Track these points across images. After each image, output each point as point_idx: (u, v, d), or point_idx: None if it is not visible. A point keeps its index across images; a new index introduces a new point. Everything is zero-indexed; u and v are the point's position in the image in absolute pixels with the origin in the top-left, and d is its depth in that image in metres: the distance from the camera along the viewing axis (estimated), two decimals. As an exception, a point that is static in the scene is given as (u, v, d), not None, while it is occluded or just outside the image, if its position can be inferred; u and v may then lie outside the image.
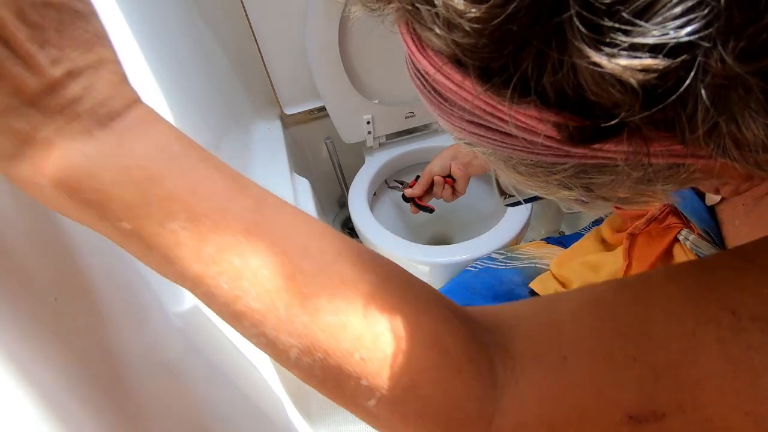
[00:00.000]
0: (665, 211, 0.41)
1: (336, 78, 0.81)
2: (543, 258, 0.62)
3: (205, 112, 0.70)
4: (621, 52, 0.15)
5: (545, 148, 0.20)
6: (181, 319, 0.47)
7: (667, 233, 0.41)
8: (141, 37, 0.53)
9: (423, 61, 0.20)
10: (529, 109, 0.18)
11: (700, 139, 0.17)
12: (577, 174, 0.21)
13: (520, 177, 0.24)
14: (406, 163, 0.93)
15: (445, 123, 0.23)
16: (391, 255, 0.71)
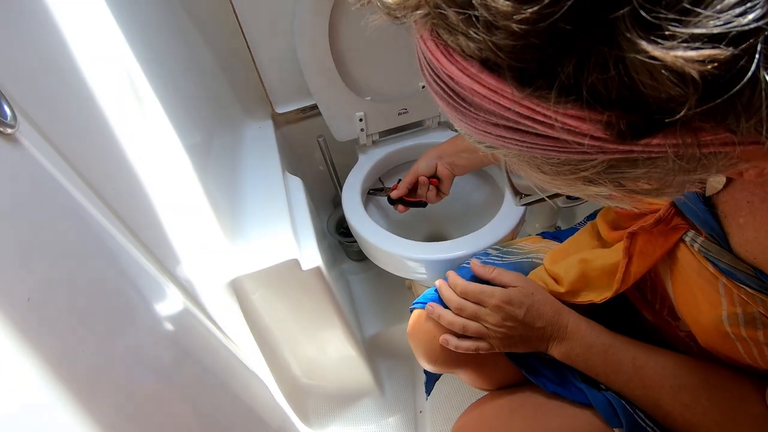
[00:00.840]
0: (672, 212, 0.40)
1: (327, 75, 0.80)
2: (539, 252, 0.62)
3: (195, 112, 0.68)
4: (680, 43, 0.15)
5: (580, 146, 0.19)
6: (172, 323, 0.47)
7: (671, 234, 0.41)
8: (129, 36, 0.52)
9: (450, 67, 0.20)
10: (573, 108, 0.18)
11: (753, 126, 0.16)
12: (607, 169, 0.21)
13: (544, 176, 0.24)
14: (399, 160, 0.93)
15: (467, 127, 0.23)
16: (386, 253, 0.70)
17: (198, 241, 0.56)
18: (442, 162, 0.75)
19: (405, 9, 0.20)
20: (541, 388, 0.52)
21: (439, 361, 0.56)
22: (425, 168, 0.76)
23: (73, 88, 0.38)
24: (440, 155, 0.75)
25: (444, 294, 0.55)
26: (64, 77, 0.37)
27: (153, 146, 0.51)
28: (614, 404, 0.46)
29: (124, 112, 0.47)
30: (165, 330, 0.45)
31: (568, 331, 0.49)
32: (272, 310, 0.67)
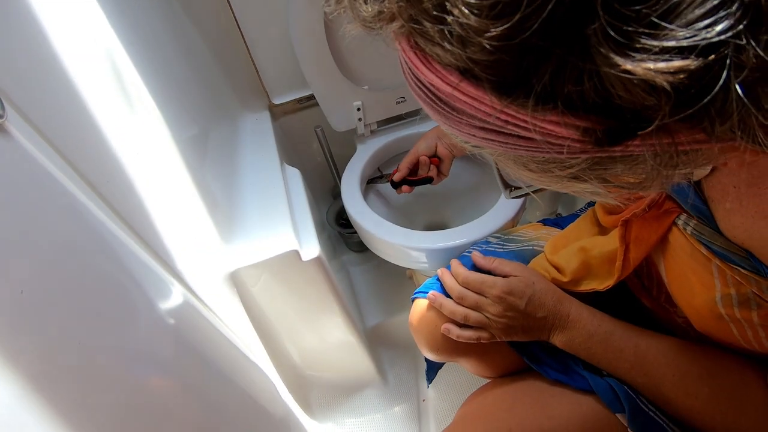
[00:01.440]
0: (662, 197, 0.40)
1: (323, 65, 0.79)
2: (540, 240, 0.61)
3: (190, 105, 0.68)
4: (651, 56, 0.15)
5: (562, 148, 0.20)
6: (172, 316, 0.46)
7: (664, 218, 0.41)
8: (121, 28, 0.51)
9: (430, 75, 0.20)
10: (551, 115, 0.18)
11: (728, 129, 0.17)
12: (592, 166, 0.21)
13: (531, 174, 0.24)
14: (398, 149, 0.92)
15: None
16: (387, 242, 0.70)
17: (196, 234, 0.56)
18: (442, 142, 0.75)
19: (380, 21, 0.20)
20: (543, 376, 0.52)
21: (441, 350, 0.56)
22: (425, 148, 0.75)
23: (64, 79, 0.37)
24: (440, 135, 0.75)
25: (446, 283, 0.55)
26: (54, 67, 0.36)
27: (147, 138, 0.50)
28: (616, 389, 0.46)
29: (116, 104, 0.46)
30: (166, 323, 0.45)
31: (570, 320, 0.49)
32: (273, 302, 0.66)
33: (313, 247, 0.61)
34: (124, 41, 0.51)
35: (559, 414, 0.48)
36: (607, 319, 0.49)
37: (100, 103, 0.43)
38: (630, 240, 0.44)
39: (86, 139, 0.39)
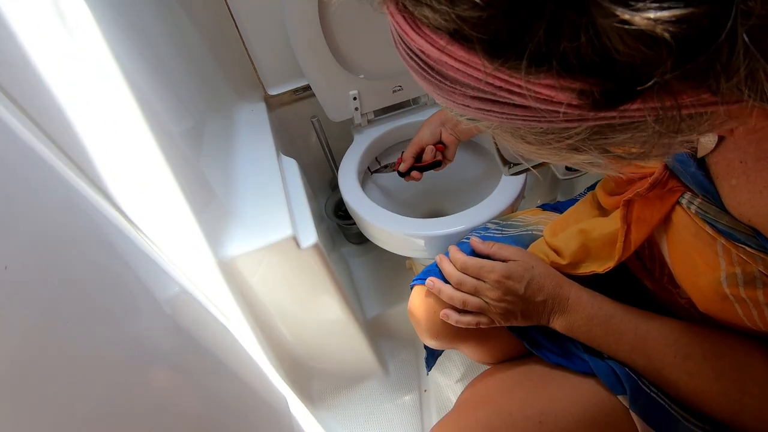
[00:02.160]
0: (666, 175, 0.39)
1: (318, 54, 0.78)
2: (539, 224, 0.61)
3: (185, 97, 0.67)
4: (650, 4, 0.14)
5: (559, 114, 0.19)
6: (169, 305, 0.46)
7: (667, 197, 0.40)
8: (114, 20, 0.51)
9: (419, 40, 0.19)
10: (546, 78, 0.17)
11: (734, 85, 0.16)
12: (591, 136, 0.20)
13: (528, 146, 0.23)
14: (396, 138, 0.91)
15: (445, 101, 0.22)
16: (386, 231, 0.69)
17: (192, 224, 0.55)
18: (446, 128, 0.74)
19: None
20: (544, 360, 0.52)
21: (440, 336, 0.56)
22: (429, 136, 0.75)
23: (56, 72, 0.36)
24: (443, 121, 0.74)
25: (444, 268, 0.54)
26: (45, 61, 0.36)
27: (140, 129, 0.50)
28: (617, 371, 0.46)
29: (109, 95, 0.45)
30: (163, 312, 0.45)
31: (569, 303, 0.49)
32: (272, 292, 0.66)
33: (310, 235, 0.60)
34: (117, 33, 0.50)
35: (561, 396, 0.48)
36: (608, 301, 0.48)
37: (92, 94, 0.43)
38: (632, 220, 0.44)
39: (78, 127, 0.39)
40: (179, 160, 0.55)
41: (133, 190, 0.46)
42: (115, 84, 0.47)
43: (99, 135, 0.42)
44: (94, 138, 0.41)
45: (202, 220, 0.56)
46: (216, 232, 0.59)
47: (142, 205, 0.47)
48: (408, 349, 0.97)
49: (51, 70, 0.37)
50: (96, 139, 0.41)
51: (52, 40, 0.39)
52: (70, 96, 0.39)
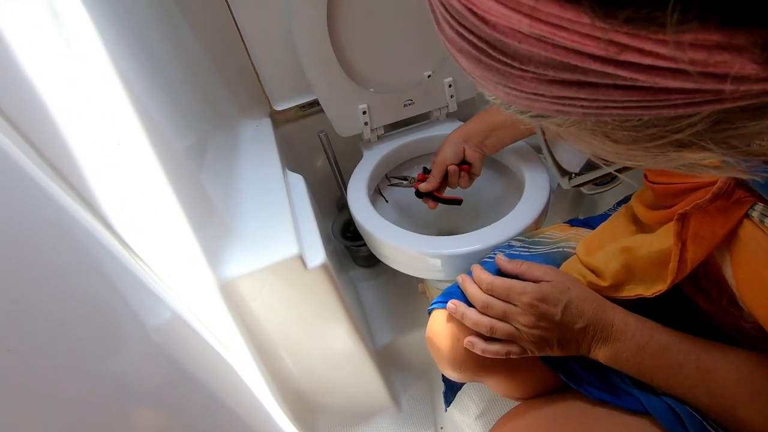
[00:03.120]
0: (732, 184, 0.34)
1: (327, 66, 0.75)
2: (570, 240, 0.55)
3: (188, 112, 0.64)
4: None
5: (686, 95, 0.13)
6: (158, 333, 0.40)
7: (733, 210, 0.34)
8: (117, 34, 0.48)
9: (491, 4, 0.14)
10: (701, 32, 0.11)
11: None
12: (713, 126, 0.15)
13: (615, 147, 0.18)
14: (407, 155, 0.87)
15: (507, 93, 0.17)
16: (398, 249, 0.64)
17: (191, 244, 0.50)
18: (470, 145, 0.69)
19: None
20: (585, 396, 0.45)
21: (464, 368, 0.49)
22: (452, 156, 0.69)
23: (58, 88, 0.34)
24: (466, 138, 0.69)
25: (468, 290, 0.48)
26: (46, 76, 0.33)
27: (140, 146, 0.46)
28: (677, 410, 0.39)
29: (109, 111, 0.42)
30: (155, 343, 0.39)
31: (614, 330, 0.42)
32: (275, 318, 0.60)
33: (318, 254, 0.55)
34: (119, 45, 0.47)
35: None
36: (659, 328, 0.42)
37: (92, 111, 0.39)
38: (687, 237, 0.38)
39: (69, 141, 0.35)
40: (180, 176, 0.51)
41: (124, 205, 0.42)
42: (116, 97, 0.44)
43: (90, 148, 0.38)
44: (85, 151, 0.37)
45: (201, 239, 0.51)
46: (216, 251, 0.54)
47: (134, 223, 0.42)
48: (422, 381, 0.90)
49: (49, 84, 0.34)
50: (87, 152, 0.38)
51: (52, 53, 0.36)
52: (65, 109, 0.35)
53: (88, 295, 0.33)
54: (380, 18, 0.74)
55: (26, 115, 0.31)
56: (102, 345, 0.33)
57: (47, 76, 0.34)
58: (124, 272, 0.38)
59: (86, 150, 0.37)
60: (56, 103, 0.35)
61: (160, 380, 0.40)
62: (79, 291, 0.32)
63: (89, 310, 0.33)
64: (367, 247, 0.98)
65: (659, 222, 0.44)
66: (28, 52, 0.33)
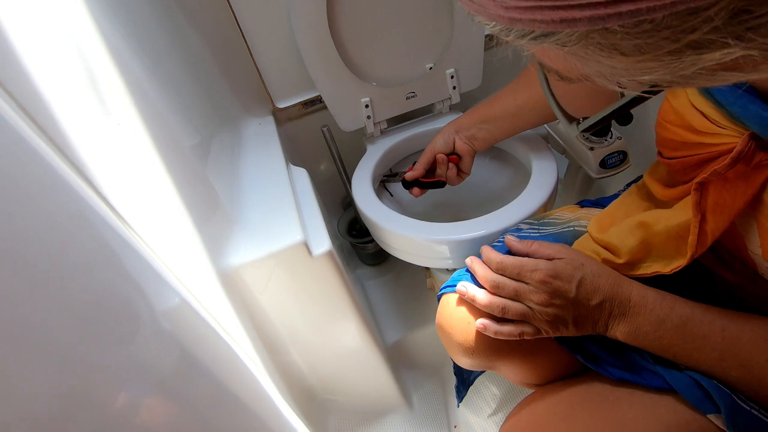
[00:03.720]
0: (752, 146, 0.32)
1: (328, 60, 0.75)
2: (581, 219, 0.53)
3: (193, 112, 0.64)
4: None
5: None
6: (167, 319, 0.40)
7: (755, 175, 0.33)
8: (119, 34, 0.48)
9: None
10: None
11: None
12: (733, 18, 0.14)
13: (625, 60, 0.17)
14: (410, 149, 0.86)
15: (506, 11, 0.16)
16: (404, 237, 0.63)
17: (197, 237, 0.49)
18: (461, 136, 0.68)
19: None
20: (605, 377, 0.43)
21: (476, 353, 0.47)
22: (442, 145, 0.69)
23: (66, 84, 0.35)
24: (458, 129, 0.68)
25: (477, 271, 0.47)
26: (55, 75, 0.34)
27: (145, 143, 0.46)
28: (705, 385, 0.37)
29: (114, 108, 0.42)
30: (166, 331, 0.39)
31: (632, 304, 0.41)
32: (283, 311, 0.59)
33: (323, 241, 0.54)
34: (128, 52, 0.47)
35: (632, 419, 0.39)
36: (680, 300, 0.40)
37: (99, 108, 0.40)
38: (707, 207, 0.36)
39: (92, 145, 0.36)
40: (187, 171, 0.51)
41: (136, 198, 0.42)
42: (130, 100, 0.44)
43: (108, 147, 0.39)
44: (103, 150, 0.38)
45: (206, 230, 0.50)
46: (221, 241, 0.53)
47: (144, 214, 0.42)
48: (433, 379, 0.87)
49: (69, 89, 0.35)
50: (105, 151, 0.38)
51: (67, 59, 0.37)
52: (83, 111, 0.37)
53: (105, 281, 0.33)
54: (380, 11, 0.74)
55: (53, 119, 0.32)
56: (118, 331, 0.33)
57: (71, 84, 0.36)
58: (137, 258, 0.38)
59: (104, 149, 0.38)
60: (76, 107, 0.36)
61: (171, 368, 0.39)
62: (96, 278, 0.32)
63: (106, 296, 0.32)
64: (373, 244, 0.97)
65: (676, 198, 0.42)
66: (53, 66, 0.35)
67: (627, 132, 0.73)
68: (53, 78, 0.34)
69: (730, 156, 0.33)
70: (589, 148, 0.70)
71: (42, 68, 0.33)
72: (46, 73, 0.33)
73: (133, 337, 0.35)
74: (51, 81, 0.34)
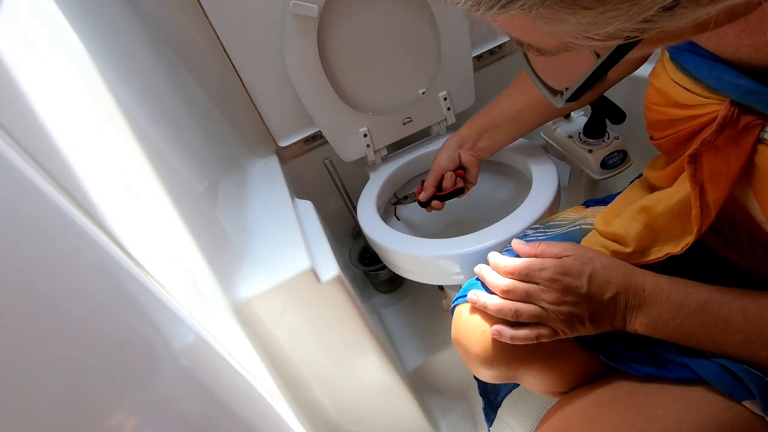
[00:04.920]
0: (734, 111, 0.33)
1: (324, 95, 0.78)
2: (586, 218, 0.53)
3: (198, 159, 0.66)
4: None
5: None
6: (185, 356, 0.40)
7: (743, 138, 0.33)
8: (130, 90, 0.52)
9: None
10: None
11: None
12: None
13: (588, 14, 0.18)
14: (412, 172, 0.88)
15: None
16: (414, 257, 0.63)
17: (208, 275, 0.51)
18: (465, 150, 0.69)
19: None
20: (631, 375, 0.42)
21: (495, 362, 0.46)
22: (447, 161, 0.69)
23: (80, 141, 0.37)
24: (461, 143, 0.69)
25: (486, 277, 0.47)
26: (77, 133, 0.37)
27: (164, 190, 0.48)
28: (735, 371, 0.36)
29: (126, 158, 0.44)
30: (185, 369, 0.39)
31: (647, 294, 0.40)
32: (298, 343, 0.59)
33: (331, 267, 0.54)
34: (132, 99, 0.51)
35: (664, 415, 0.37)
36: (696, 284, 0.39)
37: (120, 162, 0.42)
38: (704, 178, 0.36)
39: (108, 197, 0.38)
40: (197, 214, 0.53)
41: (147, 240, 0.43)
42: (141, 151, 0.47)
43: (122, 198, 0.41)
44: (119, 201, 0.40)
45: (217, 267, 0.51)
46: (231, 276, 0.54)
47: (159, 258, 0.44)
48: (460, 403, 0.85)
49: (82, 142, 0.38)
50: (121, 202, 0.41)
51: (78, 110, 0.40)
52: (98, 165, 0.39)
53: (125, 325, 0.34)
54: (368, 44, 0.78)
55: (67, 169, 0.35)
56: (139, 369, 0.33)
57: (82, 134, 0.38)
58: (151, 298, 0.39)
59: (119, 199, 0.40)
60: (89, 157, 0.38)
61: (193, 407, 0.39)
62: (115, 321, 0.33)
63: (126, 339, 0.33)
64: (385, 271, 0.97)
65: (672, 177, 0.42)
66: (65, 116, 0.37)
67: (626, 133, 0.73)
68: (69, 135, 0.36)
69: (716, 122, 0.33)
70: (587, 150, 0.70)
71: (59, 129, 0.35)
72: (63, 133, 0.35)
73: (154, 377, 0.35)
74: (68, 139, 0.36)
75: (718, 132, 0.33)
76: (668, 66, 0.38)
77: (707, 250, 0.45)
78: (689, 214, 0.38)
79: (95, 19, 0.53)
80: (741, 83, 0.31)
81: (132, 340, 0.35)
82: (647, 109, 0.42)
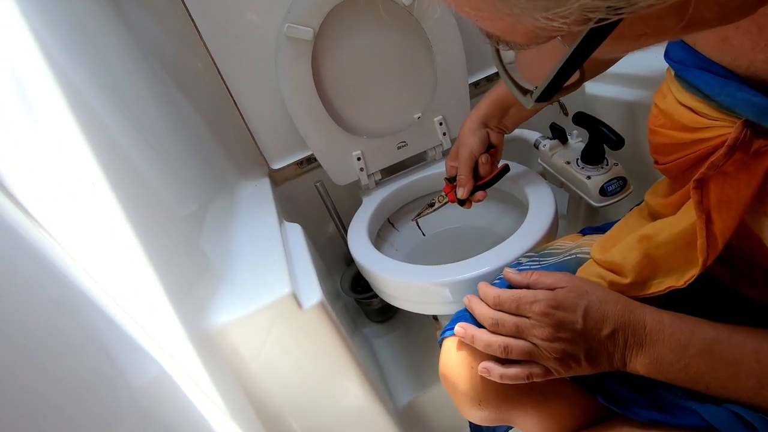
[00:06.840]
0: (747, 133, 0.30)
1: (317, 118, 0.77)
2: (582, 246, 0.50)
3: (185, 182, 0.65)
4: None
5: None
6: (142, 395, 0.37)
7: (755, 163, 0.30)
8: (118, 112, 0.51)
9: None
10: None
11: None
12: None
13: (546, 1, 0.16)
14: (406, 198, 0.85)
15: None
16: (405, 284, 0.60)
17: (182, 302, 0.48)
18: (492, 128, 0.64)
19: None
20: (633, 420, 0.38)
21: (484, 402, 0.42)
22: (479, 144, 0.63)
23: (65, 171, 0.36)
24: (484, 121, 0.64)
25: (475, 309, 0.44)
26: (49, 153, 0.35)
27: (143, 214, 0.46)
28: (748, 419, 0.32)
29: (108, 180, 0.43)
30: (144, 409, 0.36)
31: (648, 331, 0.36)
32: (277, 375, 0.55)
33: (314, 293, 0.51)
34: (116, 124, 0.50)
35: None
36: (701, 322, 0.36)
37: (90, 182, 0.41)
38: (711, 206, 0.33)
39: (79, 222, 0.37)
40: (175, 239, 0.51)
41: (114, 268, 0.41)
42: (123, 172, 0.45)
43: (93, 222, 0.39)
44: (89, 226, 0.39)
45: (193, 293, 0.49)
46: (206, 302, 0.51)
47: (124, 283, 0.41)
48: (454, 443, 0.79)
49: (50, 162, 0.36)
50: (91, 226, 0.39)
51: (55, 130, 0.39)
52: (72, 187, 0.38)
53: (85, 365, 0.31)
54: (363, 67, 0.78)
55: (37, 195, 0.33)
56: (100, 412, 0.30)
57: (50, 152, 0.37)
58: (118, 334, 0.36)
59: (90, 224, 0.38)
60: (64, 184, 0.37)
61: None
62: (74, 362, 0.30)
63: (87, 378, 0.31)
64: (378, 300, 0.93)
65: (678, 204, 0.39)
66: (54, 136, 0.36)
67: (626, 161, 0.71)
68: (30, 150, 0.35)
69: (726, 145, 0.31)
70: (586, 177, 0.68)
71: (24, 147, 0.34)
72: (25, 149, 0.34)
73: (113, 421, 0.32)
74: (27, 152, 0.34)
75: (728, 155, 0.31)
76: (673, 86, 0.36)
77: (716, 284, 0.42)
78: (694, 244, 0.35)
79: (82, 40, 0.52)
80: (756, 101, 0.28)
81: (92, 379, 0.32)
82: (651, 132, 0.40)
